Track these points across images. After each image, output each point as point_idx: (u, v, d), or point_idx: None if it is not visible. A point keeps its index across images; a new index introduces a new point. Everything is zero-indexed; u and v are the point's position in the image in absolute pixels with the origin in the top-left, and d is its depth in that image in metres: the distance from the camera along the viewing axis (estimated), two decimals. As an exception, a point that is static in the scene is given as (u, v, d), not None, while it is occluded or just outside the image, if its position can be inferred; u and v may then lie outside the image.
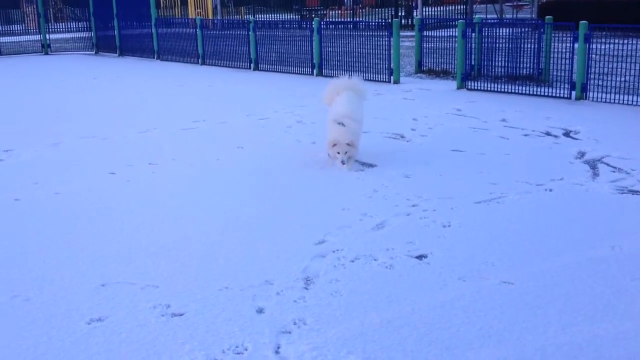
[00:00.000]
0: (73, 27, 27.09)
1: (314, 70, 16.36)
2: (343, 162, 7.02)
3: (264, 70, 17.51)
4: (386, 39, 14.82)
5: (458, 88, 13.56)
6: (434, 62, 16.19)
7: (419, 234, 5.20)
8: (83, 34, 25.34)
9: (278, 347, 3.51)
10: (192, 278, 4.37)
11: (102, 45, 24.03)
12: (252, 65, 17.74)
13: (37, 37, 24.70)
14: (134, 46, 22.24)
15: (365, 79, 15.15)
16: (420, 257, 4.74)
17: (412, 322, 3.76)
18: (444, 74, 15.73)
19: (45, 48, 24.61)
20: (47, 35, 24.64)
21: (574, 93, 11.52)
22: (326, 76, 15.99)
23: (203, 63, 19.20)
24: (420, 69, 16.41)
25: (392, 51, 14.61)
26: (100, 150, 8.35)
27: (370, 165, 7.41)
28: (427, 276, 4.41)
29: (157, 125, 10.01)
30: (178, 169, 7.35)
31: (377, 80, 14.92)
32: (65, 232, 5.28)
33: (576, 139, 8.47)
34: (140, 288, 4.22)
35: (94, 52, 24.26)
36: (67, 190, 6.49)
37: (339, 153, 7.02)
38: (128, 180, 6.92)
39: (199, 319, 3.79)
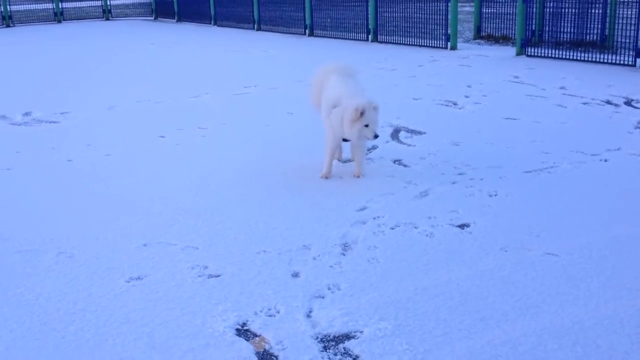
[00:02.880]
0: (134, -7, 27.42)
1: (369, 36, 16.15)
2: (377, 136, 5.37)
3: (318, 36, 17.39)
4: (444, 3, 14.47)
5: (517, 54, 13.18)
6: (493, 28, 15.77)
7: (463, 202, 5.10)
8: (142, 0, 25.62)
9: (310, 311, 3.50)
10: (232, 241, 4.40)
11: (161, 11, 24.27)
12: (306, 31, 17.64)
13: (99, 2, 25.10)
14: (191, 12, 22.40)
15: (421, 45, 14.91)
16: (462, 226, 4.65)
17: (448, 291, 3.70)
18: (503, 39, 15.32)
19: (107, 14, 25.00)
20: (108, 1, 25.02)
21: (638, 60, 11.04)
22: (381, 42, 15.79)
23: (259, 29, 19.19)
24: (479, 34, 16.03)
25: (449, 16, 14.26)
26: (153, 114, 8.46)
27: (419, 133, 7.29)
28: (468, 246, 4.32)
29: (209, 90, 10.08)
30: (227, 134, 7.39)
31: (434, 47, 14.63)
32: (112, 193, 5.38)
33: (637, 107, 8.13)
34: (181, 249, 4.28)
35: (153, 18, 24.54)
36: (117, 152, 6.61)
37: (367, 126, 5.29)
38: (177, 143, 7.00)
39: (234, 281, 3.82)
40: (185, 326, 3.33)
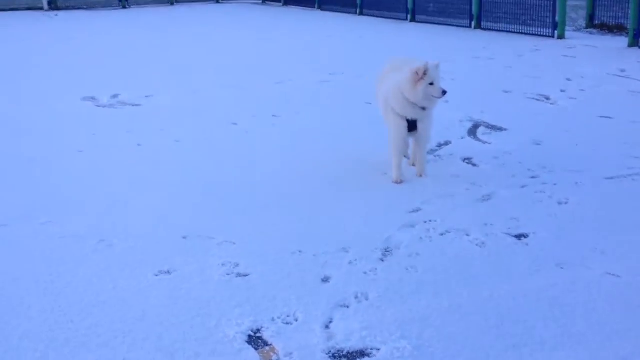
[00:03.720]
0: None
1: (472, 23, 15.54)
2: (445, 92, 5.01)
3: (420, 22, 16.94)
4: (552, -11, 13.66)
5: (629, 46, 12.26)
6: (608, 16, 14.75)
7: (527, 210, 4.72)
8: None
9: (330, 321, 3.31)
10: (271, 238, 4.27)
11: (267, -7, 24.49)
12: (408, 16, 17.21)
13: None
14: (297, -5, 22.44)
15: (526, 33, 14.17)
16: (519, 236, 4.30)
17: (485, 310, 3.40)
18: (618, 29, 14.30)
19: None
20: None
21: None
22: (485, 29, 15.16)
23: (361, 13, 18.94)
24: (592, 23, 15.05)
25: (557, 3, 13.43)
26: (233, 100, 8.47)
27: (500, 129, 6.88)
28: (521, 259, 3.98)
29: (294, 76, 9.99)
30: (298, 123, 7.27)
31: (540, 35, 13.87)
32: (168, 182, 5.38)
33: None
34: (218, 243, 4.19)
35: (261, 1, 24.81)
36: (187, 138, 6.64)
37: (432, 84, 4.96)
38: (247, 132, 6.95)
39: (260, 282, 3.68)
40: (197, 328, 3.23)
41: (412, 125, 5.19)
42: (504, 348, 3.10)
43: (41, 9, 22.47)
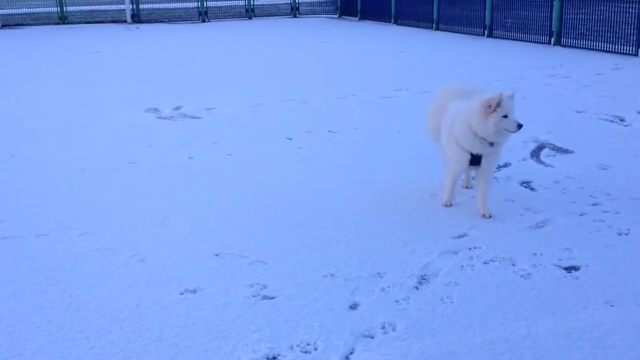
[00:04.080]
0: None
1: (552, 39, 15.01)
2: (521, 125, 4.50)
3: (497, 37, 16.50)
4: (637, 3, 13.00)
5: None
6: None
7: (582, 240, 4.40)
8: (329, -2, 26.04)
9: (351, 352, 3.14)
10: (304, 259, 4.13)
11: (345, 9, 24.48)
12: (485, 31, 16.80)
13: (288, 0, 25.82)
14: (373, 10, 22.30)
15: (608, 51, 13.55)
16: (569, 269, 4.00)
17: (519, 349, 3.15)
18: None
19: (294, 11, 25.64)
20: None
21: None
22: (564, 45, 14.59)
23: (437, 28, 18.63)
24: (680, 41, 14.23)
25: (640, 19, 12.79)
26: (292, 114, 8.40)
27: (565, 151, 6.52)
28: (568, 294, 3.68)
29: (357, 91, 9.85)
30: (353, 140, 7.12)
31: (621, 53, 13.23)
32: (211, 196, 5.32)
33: None
34: (249, 263, 4.09)
35: (337, 16, 24.82)
36: (238, 152, 6.60)
37: (505, 117, 4.46)
38: (300, 147, 6.85)
39: (286, 306, 3.54)
40: (212, 352, 3.12)
41: (475, 159, 4.72)
42: (535, 393, 2.84)
43: (125, 21, 23.23)
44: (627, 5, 13.36)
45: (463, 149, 4.69)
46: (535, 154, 6.48)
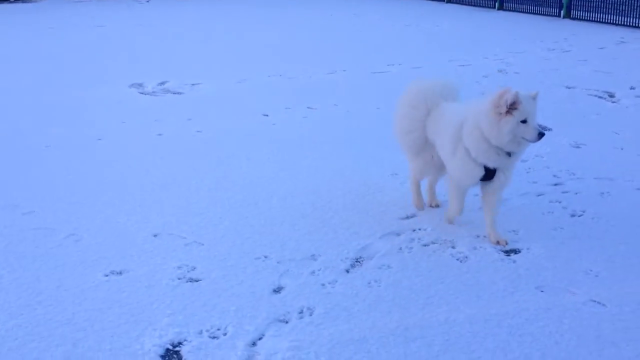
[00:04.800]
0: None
1: (561, 12, 14.62)
2: (542, 134, 3.75)
3: (508, 10, 16.15)
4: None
5: None
6: None
7: (532, 222, 4.29)
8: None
9: (260, 338, 3.08)
10: (242, 241, 4.07)
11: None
12: (496, 4, 16.43)
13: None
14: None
15: (617, 24, 13.16)
16: (510, 252, 3.89)
17: (432, 336, 3.06)
18: None
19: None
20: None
21: None
22: (574, 18, 14.23)
23: (449, 1, 18.27)
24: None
25: (650, -9, 12.38)
26: (275, 90, 8.29)
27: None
28: (499, 278, 3.58)
29: (349, 66, 9.69)
30: (330, 116, 7.02)
31: (632, 26, 12.84)
32: (165, 174, 5.25)
33: None
34: (185, 244, 4.04)
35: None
36: (210, 129, 6.53)
37: (524, 122, 3.65)
38: (274, 124, 6.77)
39: (207, 290, 3.49)
40: (117, 337, 3.08)
41: (488, 174, 3.90)
42: (436, 382, 2.76)
43: (136, -5, 23.14)
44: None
45: (475, 162, 3.84)
46: (511, 131, 6.31)
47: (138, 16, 16.88)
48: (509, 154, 3.81)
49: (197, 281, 3.59)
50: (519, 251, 3.89)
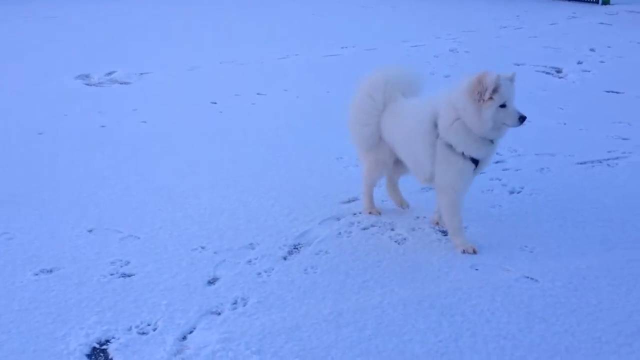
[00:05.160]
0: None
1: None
2: (524, 117, 3.52)
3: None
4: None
5: (676, 10, 11.27)
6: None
7: (472, 200, 4.24)
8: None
9: (191, 332, 3.03)
10: (179, 232, 4.00)
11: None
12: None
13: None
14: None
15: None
16: (446, 232, 3.88)
17: (364, 320, 3.04)
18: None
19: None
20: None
21: None
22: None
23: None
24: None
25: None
26: (226, 77, 8.18)
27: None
28: (435, 258, 3.58)
29: (302, 50, 9.62)
30: (280, 102, 6.96)
31: (584, 1, 12.95)
32: (107, 168, 5.14)
33: None
34: (121, 238, 3.95)
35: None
36: (154, 120, 6.41)
37: (503, 106, 3.46)
38: (221, 111, 6.68)
39: (140, 284, 3.42)
40: (43, 338, 2.99)
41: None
42: (365, 367, 2.75)
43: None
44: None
45: (464, 157, 3.58)
46: (458, 110, 6.31)
47: (93, 7, 16.52)
48: (491, 142, 3.61)
49: (129, 276, 3.52)
50: (457, 231, 3.88)
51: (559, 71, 7.73)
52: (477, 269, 3.45)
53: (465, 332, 2.92)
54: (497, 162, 4.91)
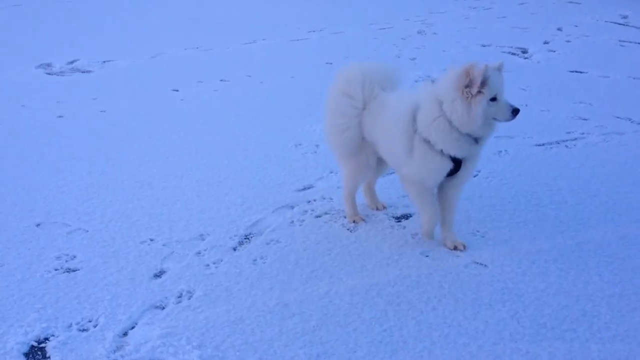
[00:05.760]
0: None
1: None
2: (517, 110, 3.27)
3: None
4: None
5: (644, -12, 11.25)
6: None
7: (428, 185, 4.22)
8: None
9: (132, 327, 2.97)
10: (130, 224, 3.92)
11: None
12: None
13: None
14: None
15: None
16: (400, 218, 3.85)
17: (309, 311, 3.00)
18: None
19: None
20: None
21: None
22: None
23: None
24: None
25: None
26: (189, 64, 8.05)
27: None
28: (386, 246, 3.54)
29: (269, 35, 9.49)
30: (244, 88, 6.85)
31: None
32: (62, 159, 5.03)
33: None
34: (68, 232, 3.86)
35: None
36: (113, 108, 6.29)
37: (494, 99, 3.18)
38: (182, 99, 6.57)
39: (84, 279, 3.35)
40: (-21, 336, 2.92)
41: (455, 166, 3.38)
42: (306, 359, 2.70)
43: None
44: None
45: (442, 154, 3.31)
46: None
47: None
48: (476, 140, 3.31)
49: (74, 271, 3.44)
50: (410, 216, 3.85)
51: (524, 52, 7.69)
52: (427, 256, 3.41)
53: (410, 321, 2.88)
54: (455, 146, 4.86)
